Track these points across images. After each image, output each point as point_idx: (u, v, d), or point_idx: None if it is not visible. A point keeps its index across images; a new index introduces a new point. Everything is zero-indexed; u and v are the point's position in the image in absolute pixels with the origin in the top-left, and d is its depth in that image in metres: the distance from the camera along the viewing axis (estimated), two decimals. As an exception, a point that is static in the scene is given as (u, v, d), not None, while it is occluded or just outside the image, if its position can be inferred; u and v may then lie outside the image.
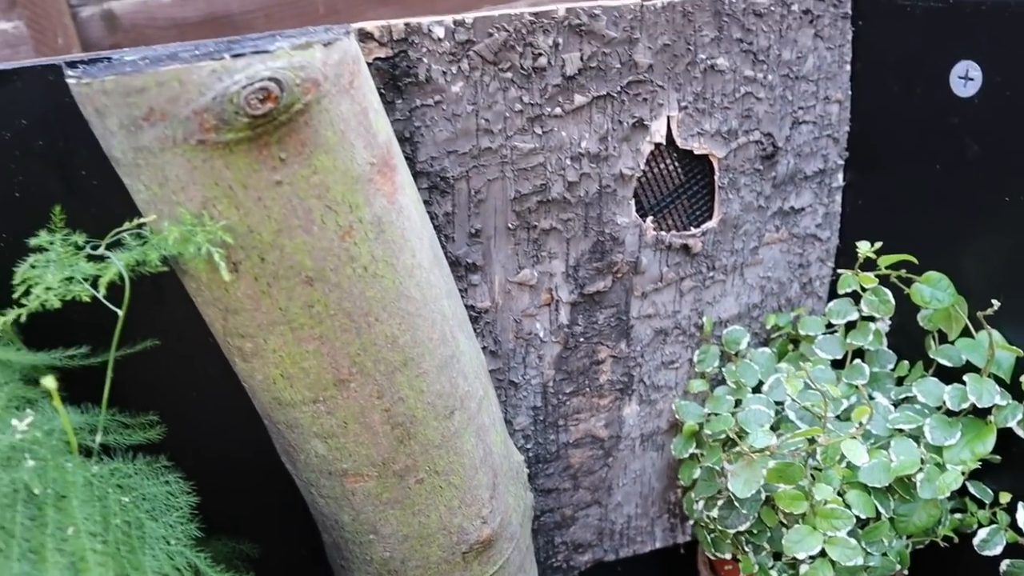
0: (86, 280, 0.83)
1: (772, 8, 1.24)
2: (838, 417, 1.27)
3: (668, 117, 1.21)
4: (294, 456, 1.03)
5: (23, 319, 0.79)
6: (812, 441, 1.13)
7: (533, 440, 1.34)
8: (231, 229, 0.83)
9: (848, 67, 1.34)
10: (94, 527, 0.73)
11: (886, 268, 1.23)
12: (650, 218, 1.26)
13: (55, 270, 0.85)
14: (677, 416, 1.40)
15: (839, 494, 1.16)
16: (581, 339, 1.29)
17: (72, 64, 0.90)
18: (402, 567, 1.10)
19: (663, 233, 1.28)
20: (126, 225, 0.85)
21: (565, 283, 1.24)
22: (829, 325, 1.39)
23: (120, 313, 0.83)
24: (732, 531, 1.23)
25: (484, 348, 1.24)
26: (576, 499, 1.43)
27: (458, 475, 1.06)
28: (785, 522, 1.22)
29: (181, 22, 2.11)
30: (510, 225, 1.17)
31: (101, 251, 0.85)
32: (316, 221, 0.85)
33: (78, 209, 0.95)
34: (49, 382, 0.71)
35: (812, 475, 1.15)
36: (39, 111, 0.91)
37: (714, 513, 1.26)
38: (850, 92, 1.36)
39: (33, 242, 0.88)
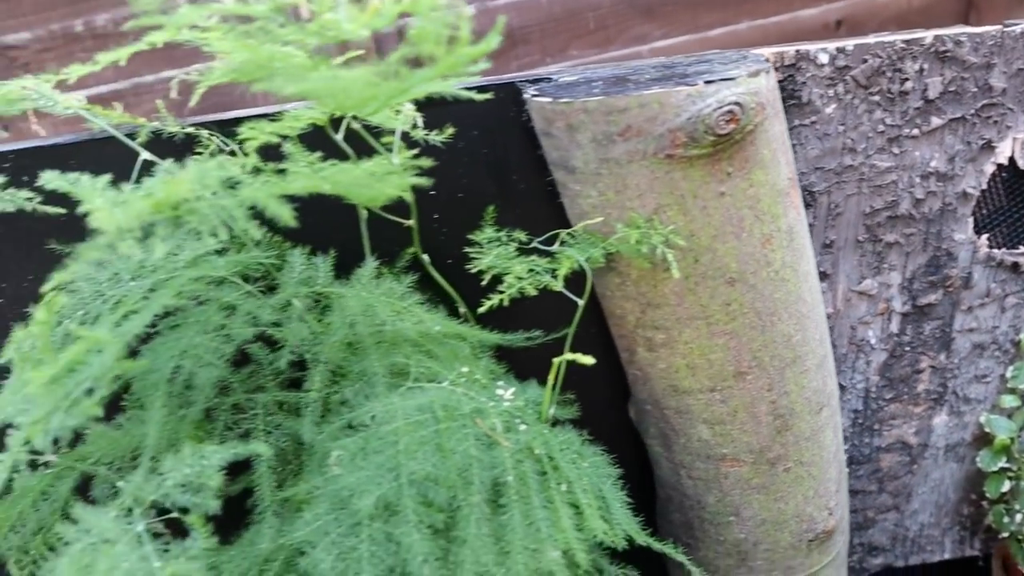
0: (546, 272, 0.96)
1: (1120, 35, 1.27)
2: None
3: (1014, 139, 1.26)
4: (672, 440, 1.13)
5: (505, 303, 0.92)
6: None
7: (850, 442, 1.41)
8: (675, 233, 0.94)
9: None
10: (583, 485, 0.86)
11: None
12: (985, 235, 1.31)
13: (497, 261, 0.98)
14: (987, 429, 1.43)
15: None
16: (907, 348, 1.36)
17: (523, 83, 1.03)
18: (753, 549, 1.19)
19: (995, 251, 1.32)
20: (582, 224, 0.97)
21: (900, 294, 1.31)
22: None
23: (580, 303, 0.95)
24: (1058, 543, 1.27)
25: (819, 352, 1.32)
26: (879, 503, 1.49)
27: (817, 467, 1.14)
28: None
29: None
30: (859, 238, 1.25)
31: (555, 248, 0.98)
32: (745, 229, 0.95)
33: (505, 209, 1.08)
34: (586, 359, 0.83)
35: None
36: (487, 123, 1.05)
37: (1038, 524, 1.30)
38: None
39: (481, 236, 1.02)
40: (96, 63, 0.80)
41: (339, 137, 0.87)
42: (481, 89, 0.96)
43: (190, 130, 0.96)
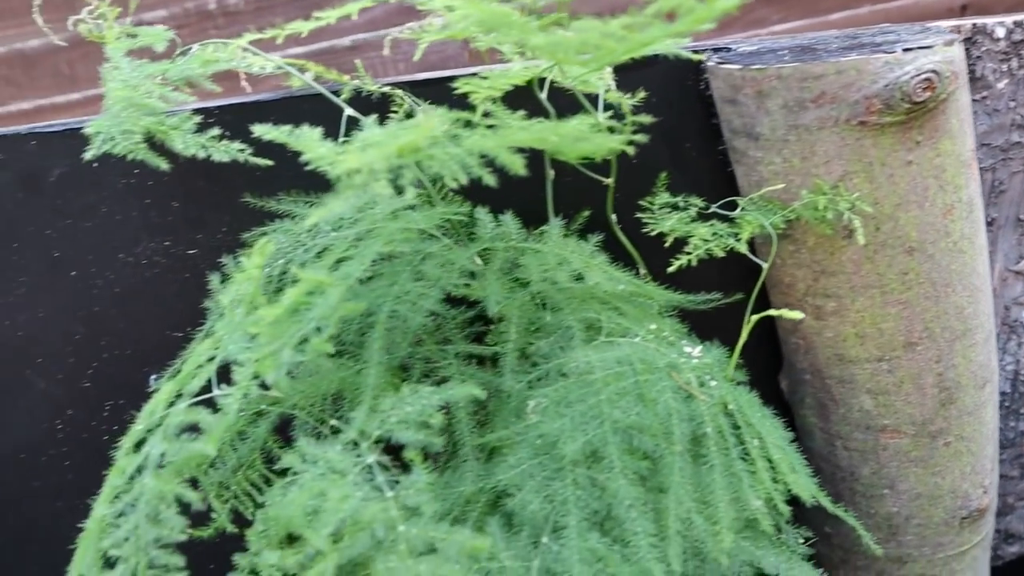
0: (729, 236, 0.97)
1: None
2: None
3: None
4: (831, 410, 1.14)
5: (693, 263, 0.95)
6: None
7: (993, 425, 1.41)
8: (861, 200, 0.95)
9: None
10: (773, 440, 0.87)
11: None
12: None
13: (678, 224, 1.00)
14: None
15: None
16: (1059, 331, 1.35)
17: (704, 51, 1.05)
18: (904, 524, 1.19)
19: None
20: (764, 190, 0.98)
21: (1056, 276, 1.30)
22: None
23: (764, 265, 0.97)
24: None
25: (970, 331, 1.31)
26: (1019, 489, 1.48)
27: (976, 443, 1.14)
28: None
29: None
30: (1020, 216, 1.24)
31: (736, 213, 1.00)
32: (928, 198, 0.96)
33: (676, 176, 1.10)
34: (795, 314, 0.85)
35: None
36: (665, 89, 1.07)
37: None
38: None
39: (656, 202, 1.04)
40: (320, 19, 0.84)
41: (543, 96, 0.90)
42: (695, 51, 0.98)
43: (385, 90, 1.00)
